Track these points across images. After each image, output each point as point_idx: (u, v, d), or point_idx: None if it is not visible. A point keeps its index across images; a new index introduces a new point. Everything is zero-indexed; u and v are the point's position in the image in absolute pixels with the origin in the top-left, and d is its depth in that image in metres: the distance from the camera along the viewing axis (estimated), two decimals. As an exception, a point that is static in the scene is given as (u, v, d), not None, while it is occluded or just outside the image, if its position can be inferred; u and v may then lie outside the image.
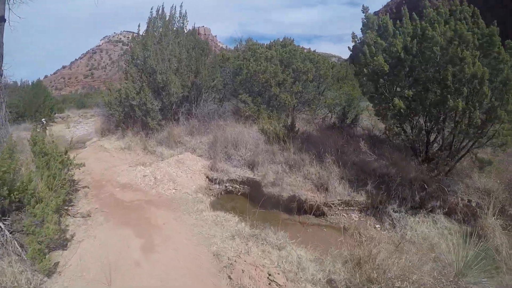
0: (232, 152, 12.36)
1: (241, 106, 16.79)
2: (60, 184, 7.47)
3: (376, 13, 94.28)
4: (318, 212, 10.30)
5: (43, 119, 26.66)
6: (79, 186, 10.02)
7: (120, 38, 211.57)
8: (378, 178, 10.68)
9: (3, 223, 5.77)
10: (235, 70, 17.36)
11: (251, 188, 11.40)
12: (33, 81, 35.39)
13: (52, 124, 32.17)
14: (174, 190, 10.11)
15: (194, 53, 17.00)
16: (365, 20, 11.60)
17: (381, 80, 10.83)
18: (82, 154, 15.57)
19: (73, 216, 7.66)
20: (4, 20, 10.15)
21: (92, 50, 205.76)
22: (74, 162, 9.43)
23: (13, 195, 5.85)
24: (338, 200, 10.33)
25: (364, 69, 10.93)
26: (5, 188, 5.75)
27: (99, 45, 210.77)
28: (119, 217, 7.89)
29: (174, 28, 17.79)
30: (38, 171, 7.22)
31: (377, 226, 9.82)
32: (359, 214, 10.40)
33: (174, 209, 8.71)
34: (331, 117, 17.67)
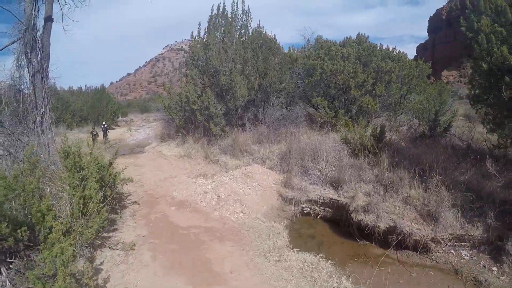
0: (309, 165, 10.18)
1: (311, 111, 14.72)
2: (96, 209, 5.75)
3: (438, 11, 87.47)
4: (422, 248, 7.87)
5: (104, 123, 26.23)
6: (128, 201, 8.48)
7: (182, 47, 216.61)
8: (499, 206, 8.03)
9: (5, 268, 4.17)
10: (307, 70, 15.26)
11: (334, 211, 9.20)
12: (97, 87, 35.64)
13: (114, 127, 32.04)
14: (241, 214, 8.10)
15: (261, 53, 15.00)
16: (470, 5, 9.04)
17: (506, 78, 8.17)
18: (139, 160, 14.34)
19: (112, 248, 5.90)
20: (52, 20, 9.60)
21: (156, 58, 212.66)
22: (121, 176, 7.89)
23: (20, 232, 4.19)
24: (450, 234, 7.82)
25: (483, 64, 8.39)
26: (4, 225, 4.10)
27: (162, 53, 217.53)
28: (170, 255, 5.95)
29: (238, 26, 16.08)
30: (69, 191, 5.67)
31: (493, 268, 7.21)
32: (471, 252, 7.79)
33: (243, 245, 6.57)
34: (419, 124, 14.86)
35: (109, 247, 5.86)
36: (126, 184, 8.34)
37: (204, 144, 13.71)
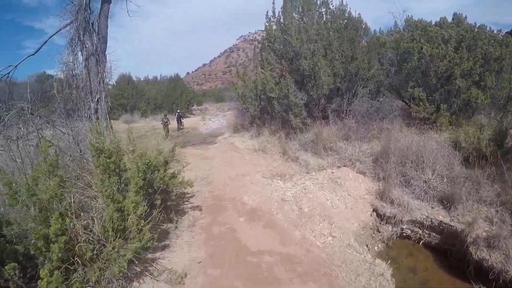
0: (412, 173, 8.06)
1: (400, 104, 12.51)
2: (137, 227, 4.29)
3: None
4: None
5: (178, 110, 25.96)
6: (189, 205, 7.23)
7: (255, 37, 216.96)
8: None
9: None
10: (400, 55, 13.03)
11: (443, 238, 7.02)
12: (171, 76, 35.79)
13: (189, 116, 31.88)
14: (330, 238, 6.26)
15: (347, 33, 12.85)
16: None
17: None
18: (209, 152, 13.28)
19: (155, 278, 4.48)
20: (109, 2, 9.02)
21: (230, 49, 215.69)
22: (179, 179, 6.54)
23: (7, 270, 2.99)
24: None
25: None
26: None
27: (236, 44, 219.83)
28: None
29: (318, 4, 13.87)
30: (103, 201, 4.37)
31: None
32: None
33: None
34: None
35: (151, 277, 4.46)
36: (185, 188, 7.03)
37: (282, 138, 12.17)
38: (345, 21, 13.37)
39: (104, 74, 8.65)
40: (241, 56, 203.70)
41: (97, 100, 8.50)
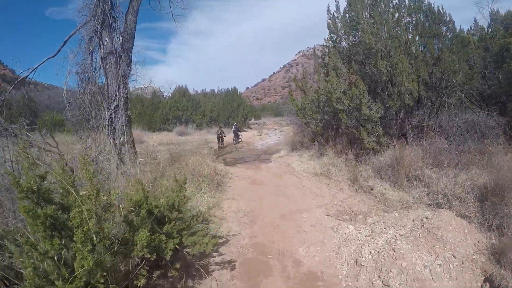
0: None
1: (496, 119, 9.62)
2: None
3: None
4: None
5: (235, 123, 24.34)
6: (216, 258, 5.01)
7: (314, 52, 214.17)
8: None
9: None
10: (495, 55, 10.17)
11: None
12: (228, 88, 34.46)
13: (246, 130, 30.19)
14: None
15: (428, 29, 10.13)
16: None
17: None
18: (260, 174, 11.26)
19: None
20: None
21: (289, 64, 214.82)
22: (204, 240, 4.10)
23: None
24: None
25: None
26: None
27: (295, 59, 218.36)
28: None
29: None
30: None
31: None
32: None
33: None
34: None
35: None
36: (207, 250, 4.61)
37: (351, 161, 9.71)
38: (424, 14, 10.64)
39: (126, 77, 6.87)
40: (300, 71, 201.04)
41: (114, 107, 6.71)
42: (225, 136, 21.78)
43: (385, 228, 5.84)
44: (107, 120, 6.70)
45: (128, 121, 7.21)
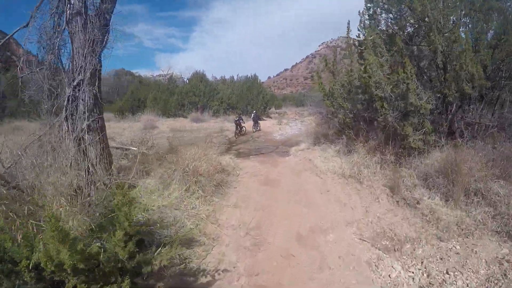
0: None
1: None
2: None
3: None
4: None
5: (254, 111, 22.59)
6: None
7: (338, 44, 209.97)
8: None
9: None
10: None
11: None
12: (248, 75, 32.47)
13: (265, 119, 28.32)
14: None
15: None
16: None
17: None
18: (276, 171, 9.55)
19: None
20: None
21: (312, 55, 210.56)
22: None
23: None
24: None
25: None
26: None
27: (318, 50, 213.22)
28: None
29: None
30: None
31: None
32: None
33: None
34: None
35: None
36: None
37: (388, 162, 7.71)
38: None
39: (97, 45, 5.06)
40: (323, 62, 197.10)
41: (78, 83, 4.92)
42: (243, 123, 20.65)
43: (447, 273, 3.91)
44: (66, 99, 4.95)
45: (96, 100, 5.39)
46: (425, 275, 3.92)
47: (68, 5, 5.10)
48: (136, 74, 44.59)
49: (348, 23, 9.89)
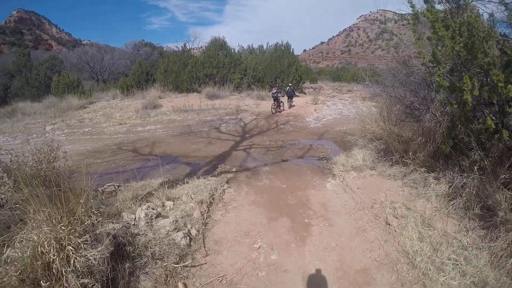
0: None
1: None
2: None
3: None
4: None
5: (289, 84, 18.57)
6: None
7: (377, 17, 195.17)
8: None
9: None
10: None
11: None
12: (278, 43, 25.72)
13: (298, 94, 21.96)
14: None
15: None
16: None
17: None
18: (298, 251, 3.33)
19: None
20: None
21: (349, 28, 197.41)
22: None
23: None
24: None
25: None
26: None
27: (356, 24, 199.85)
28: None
29: None
30: None
31: None
32: None
33: None
34: None
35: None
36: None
37: None
38: None
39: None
40: (361, 36, 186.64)
41: None
42: (280, 99, 15.81)
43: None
44: None
45: None
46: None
47: None
48: (157, 46, 38.89)
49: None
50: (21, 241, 2.57)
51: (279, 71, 22.96)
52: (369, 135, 7.67)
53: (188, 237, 3.79)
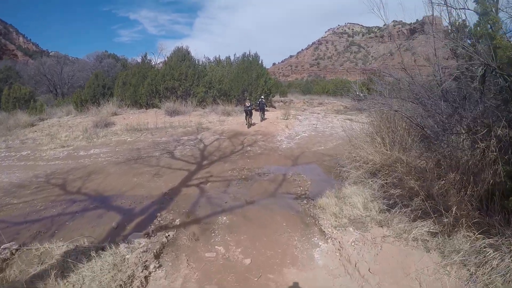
0: None
1: None
2: None
3: None
4: None
5: (262, 97, 17.36)
6: None
7: (345, 30, 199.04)
8: None
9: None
10: None
11: None
12: (245, 53, 23.60)
13: (267, 109, 19.82)
14: None
15: None
16: None
17: None
18: None
19: None
20: None
21: (318, 41, 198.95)
22: None
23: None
24: None
25: None
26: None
27: (324, 37, 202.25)
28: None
29: None
30: None
31: None
32: None
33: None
34: None
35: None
36: None
37: None
38: None
39: None
40: (329, 49, 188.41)
41: None
42: (251, 112, 14.43)
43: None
44: None
45: None
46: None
47: None
48: (121, 57, 35.93)
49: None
50: None
51: (247, 84, 20.80)
52: (364, 165, 5.54)
53: None
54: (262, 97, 17.51)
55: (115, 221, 5.08)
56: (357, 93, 7.74)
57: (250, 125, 14.27)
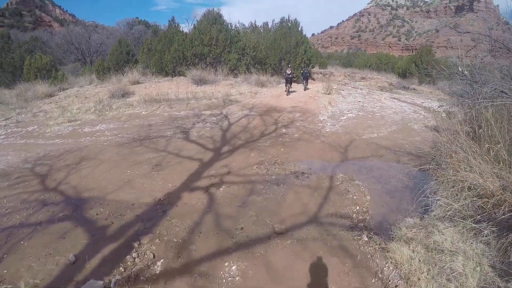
0: None
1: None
2: None
3: None
4: None
5: (304, 67, 16.53)
6: None
7: (388, 2, 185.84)
8: None
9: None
10: None
11: None
12: (283, 18, 20.86)
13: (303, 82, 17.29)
14: None
15: None
16: None
17: None
18: None
19: None
20: None
21: (360, 13, 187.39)
22: None
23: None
24: None
25: None
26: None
27: (367, 8, 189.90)
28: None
29: None
30: None
31: None
32: None
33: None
34: None
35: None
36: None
37: None
38: None
39: None
40: (371, 22, 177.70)
41: None
42: (292, 80, 14.30)
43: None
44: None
45: None
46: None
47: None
48: (152, 24, 34.03)
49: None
50: None
51: (284, 52, 18.29)
52: (467, 191, 3.20)
53: None
54: (305, 67, 16.51)
55: (75, 251, 3.26)
56: (461, 71, 5.11)
57: (289, 92, 13.86)
